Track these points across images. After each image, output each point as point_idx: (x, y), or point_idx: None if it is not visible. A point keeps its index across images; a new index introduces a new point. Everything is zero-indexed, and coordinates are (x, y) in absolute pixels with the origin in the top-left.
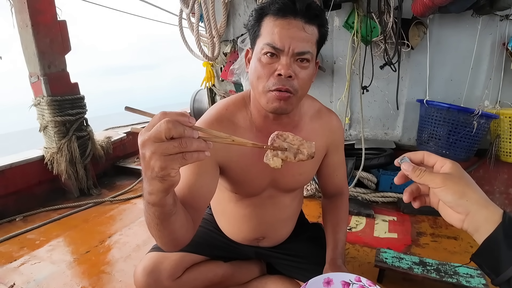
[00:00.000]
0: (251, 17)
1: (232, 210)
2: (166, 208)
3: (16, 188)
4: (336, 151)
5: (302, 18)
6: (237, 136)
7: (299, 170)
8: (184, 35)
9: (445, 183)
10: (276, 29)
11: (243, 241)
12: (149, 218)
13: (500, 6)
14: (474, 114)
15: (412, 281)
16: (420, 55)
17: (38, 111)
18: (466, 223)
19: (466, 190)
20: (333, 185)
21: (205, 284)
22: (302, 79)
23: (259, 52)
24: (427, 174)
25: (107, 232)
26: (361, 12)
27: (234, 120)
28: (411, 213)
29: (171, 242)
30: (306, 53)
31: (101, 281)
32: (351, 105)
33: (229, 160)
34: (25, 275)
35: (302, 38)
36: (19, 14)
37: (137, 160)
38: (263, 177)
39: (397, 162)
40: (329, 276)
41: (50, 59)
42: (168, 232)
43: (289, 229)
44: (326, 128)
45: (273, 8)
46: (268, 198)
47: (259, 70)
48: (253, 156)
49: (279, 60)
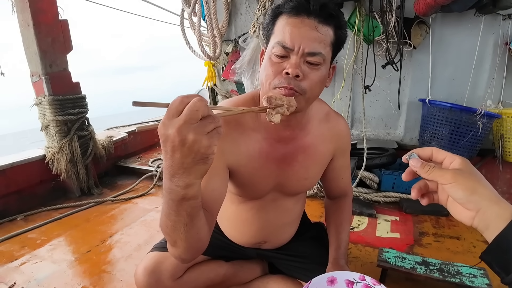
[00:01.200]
0: (267, 16)
1: (234, 212)
2: (199, 200)
3: (18, 188)
4: (342, 155)
5: (316, 17)
6: (245, 138)
7: (305, 174)
8: (185, 34)
9: (455, 178)
10: (287, 27)
11: (245, 244)
12: (178, 220)
13: (503, 5)
14: (477, 113)
15: (414, 281)
16: (422, 55)
17: (39, 111)
18: (476, 220)
19: (477, 186)
20: (338, 188)
21: (207, 284)
22: (311, 80)
23: (270, 50)
24: (437, 170)
25: (108, 232)
26: (363, 11)
27: (242, 120)
28: (414, 213)
29: (196, 243)
30: (318, 54)
31: (102, 281)
32: (353, 105)
33: (238, 163)
34: (26, 274)
35: (314, 38)
36: (21, 13)
37: (138, 159)
38: (268, 181)
39: (405, 158)
40: (333, 274)
41: (52, 58)
42: (195, 231)
43: (291, 233)
44: (334, 133)
45: (287, 6)
46: (271, 201)
47: (268, 68)
48: (260, 159)
49: (288, 59)
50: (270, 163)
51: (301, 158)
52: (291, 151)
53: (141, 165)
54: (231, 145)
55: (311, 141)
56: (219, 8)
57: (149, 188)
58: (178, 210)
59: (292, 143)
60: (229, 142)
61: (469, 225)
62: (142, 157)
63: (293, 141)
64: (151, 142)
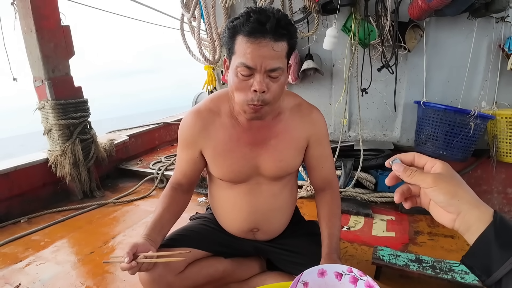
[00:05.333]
0: (225, 34)
1: (224, 198)
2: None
3: (21, 191)
4: (319, 144)
5: (272, 38)
6: (216, 125)
7: (279, 157)
8: (185, 39)
9: (436, 183)
10: (248, 49)
11: (239, 232)
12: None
13: (495, 9)
14: (471, 115)
15: (408, 278)
16: (417, 58)
17: (42, 115)
18: (457, 223)
19: (458, 190)
20: (320, 178)
21: (207, 279)
22: (274, 92)
23: (235, 68)
24: (418, 174)
25: (110, 233)
26: (359, 16)
27: (216, 109)
28: (409, 212)
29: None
30: (277, 69)
31: (105, 281)
32: (350, 107)
33: (210, 147)
34: (30, 275)
35: (272, 56)
36: (24, 19)
37: (139, 162)
38: (244, 163)
39: (388, 163)
40: (323, 267)
41: (54, 63)
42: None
43: (283, 221)
44: (307, 121)
45: (244, 29)
46: (256, 185)
47: (237, 84)
48: (231, 143)
49: (253, 76)
50: (242, 147)
51: (274, 142)
52: (263, 136)
53: (142, 168)
54: (203, 132)
55: (283, 127)
56: (218, 13)
57: (150, 190)
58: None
59: (264, 130)
60: (201, 130)
61: (450, 228)
62: (143, 159)
63: (265, 128)
64: (152, 145)
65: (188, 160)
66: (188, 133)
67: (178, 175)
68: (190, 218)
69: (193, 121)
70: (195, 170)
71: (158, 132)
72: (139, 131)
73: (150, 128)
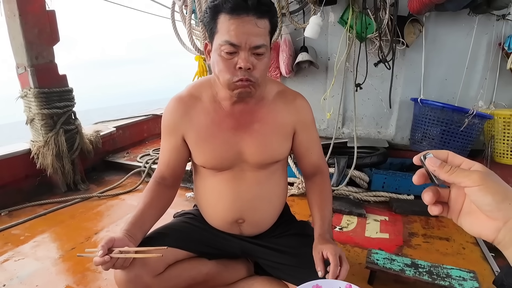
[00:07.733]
0: (206, 14)
1: (208, 186)
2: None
3: (2, 182)
4: (306, 129)
5: (254, 14)
6: (197, 110)
7: (263, 141)
8: (176, 28)
9: (484, 181)
10: (232, 26)
11: (224, 224)
12: None
13: (497, 5)
14: (469, 114)
15: (404, 283)
16: (415, 53)
17: (25, 103)
18: (503, 233)
19: (508, 192)
20: (309, 164)
21: (188, 282)
22: (260, 70)
23: (218, 48)
24: (460, 169)
25: (93, 229)
26: (357, 8)
27: (197, 94)
28: (403, 213)
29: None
30: (261, 46)
31: (86, 279)
32: (345, 103)
33: (190, 130)
34: (8, 271)
35: (256, 33)
36: (7, 3)
37: (126, 155)
38: (227, 148)
39: (417, 158)
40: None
41: (38, 50)
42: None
43: (270, 213)
44: (291, 107)
45: (226, 6)
46: (240, 172)
47: (221, 65)
48: (213, 127)
49: (238, 54)
50: (225, 131)
51: (257, 126)
52: (247, 120)
53: (129, 161)
54: (184, 117)
55: (266, 112)
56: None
57: (137, 184)
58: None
59: (248, 114)
60: (182, 115)
61: (490, 241)
62: (131, 152)
63: (248, 112)
64: (140, 137)
65: (171, 149)
66: (170, 118)
67: (161, 168)
68: (174, 216)
69: (175, 107)
70: (179, 159)
71: (147, 124)
72: (127, 122)
73: (138, 120)
